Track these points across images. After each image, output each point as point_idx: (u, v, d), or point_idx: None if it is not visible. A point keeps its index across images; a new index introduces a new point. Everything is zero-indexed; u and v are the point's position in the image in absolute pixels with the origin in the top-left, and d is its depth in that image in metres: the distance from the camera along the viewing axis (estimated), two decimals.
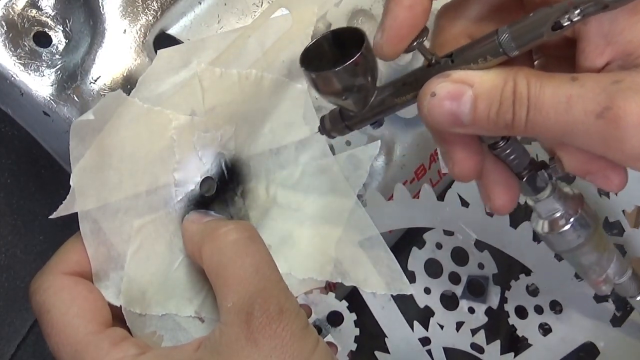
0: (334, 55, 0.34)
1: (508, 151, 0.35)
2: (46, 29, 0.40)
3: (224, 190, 0.39)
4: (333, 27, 0.46)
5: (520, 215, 0.50)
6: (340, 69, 0.32)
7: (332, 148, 0.43)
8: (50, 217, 0.34)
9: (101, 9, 0.40)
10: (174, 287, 0.38)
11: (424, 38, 0.33)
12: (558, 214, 0.37)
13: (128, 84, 0.41)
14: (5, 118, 0.43)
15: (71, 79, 0.40)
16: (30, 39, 0.40)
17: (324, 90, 0.34)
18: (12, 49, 0.39)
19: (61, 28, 0.41)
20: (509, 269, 0.55)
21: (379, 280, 0.41)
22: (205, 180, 0.38)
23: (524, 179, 0.36)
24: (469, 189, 0.49)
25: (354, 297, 0.47)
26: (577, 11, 0.29)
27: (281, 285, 0.35)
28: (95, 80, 0.40)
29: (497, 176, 0.36)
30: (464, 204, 0.50)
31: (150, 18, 0.41)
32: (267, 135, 0.40)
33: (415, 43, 0.33)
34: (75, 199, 0.34)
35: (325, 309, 0.45)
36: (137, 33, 0.41)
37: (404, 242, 0.56)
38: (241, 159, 0.39)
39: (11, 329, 0.54)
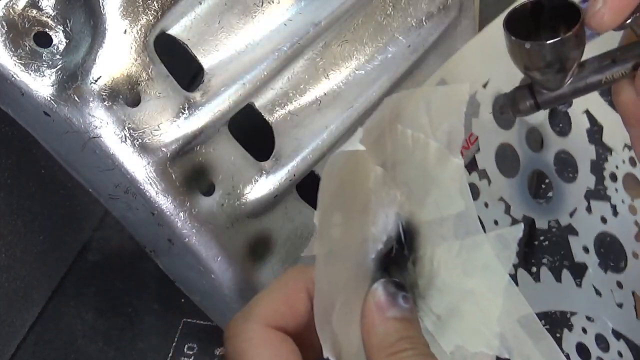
0: (531, 26, 0.33)
1: None
2: (47, 29, 0.40)
3: (400, 253, 0.37)
4: (482, 107, 0.47)
5: None
6: (558, 40, 0.31)
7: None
8: (302, 254, 0.32)
9: (102, 9, 0.40)
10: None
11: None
12: None
13: (129, 84, 0.41)
14: (5, 118, 0.43)
15: (72, 79, 0.40)
16: (31, 39, 0.40)
17: (529, 60, 0.32)
18: (13, 49, 0.39)
19: (62, 28, 0.41)
20: None
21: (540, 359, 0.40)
22: (388, 240, 0.36)
23: None
24: (600, 279, 0.51)
25: None
26: None
27: None
28: (96, 81, 0.40)
29: None
30: (598, 293, 0.51)
31: (151, 18, 0.41)
32: (431, 205, 0.39)
33: (630, 19, 0.31)
34: (316, 240, 0.32)
35: None
36: (138, 33, 0.41)
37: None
38: (413, 223, 0.38)
39: (11, 329, 0.54)
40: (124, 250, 0.62)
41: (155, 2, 0.41)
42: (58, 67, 0.40)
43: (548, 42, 0.31)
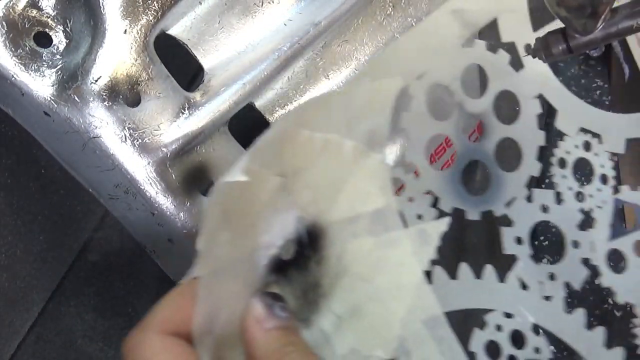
0: None
1: None
2: (47, 29, 0.40)
3: (301, 255, 0.38)
4: (415, 100, 0.47)
5: (575, 301, 0.52)
6: None
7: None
8: (182, 280, 0.33)
9: (102, 9, 0.40)
10: None
11: None
12: None
13: (129, 84, 0.41)
14: (5, 118, 0.43)
15: (72, 79, 0.40)
16: (31, 39, 0.40)
17: (563, 2, 0.33)
18: (13, 49, 0.39)
19: (62, 28, 0.41)
20: (566, 355, 0.55)
21: None
22: (285, 244, 0.37)
23: None
24: (530, 272, 0.50)
25: None
26: None
27: None
28: (96, 81, 0.40)
29: None
30: (524, 287, 0.51)
31: (151, 18, 0.41)
32: (344, 203, 0.38)
33: None
34: (197, 264, 0.33)
35: None
36: (138, 33, 0.41)
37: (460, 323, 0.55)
38: (319, 225, 0.38)
39: (11, 329, 0.54)
40: (124, 250, 0.62)
41: (155, 2, 0.41)
42: (58, 67, 0.40)
43: None
